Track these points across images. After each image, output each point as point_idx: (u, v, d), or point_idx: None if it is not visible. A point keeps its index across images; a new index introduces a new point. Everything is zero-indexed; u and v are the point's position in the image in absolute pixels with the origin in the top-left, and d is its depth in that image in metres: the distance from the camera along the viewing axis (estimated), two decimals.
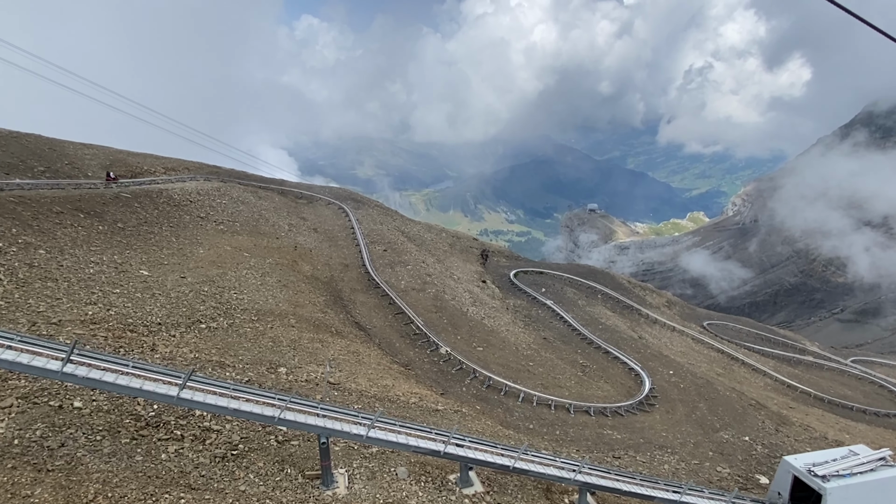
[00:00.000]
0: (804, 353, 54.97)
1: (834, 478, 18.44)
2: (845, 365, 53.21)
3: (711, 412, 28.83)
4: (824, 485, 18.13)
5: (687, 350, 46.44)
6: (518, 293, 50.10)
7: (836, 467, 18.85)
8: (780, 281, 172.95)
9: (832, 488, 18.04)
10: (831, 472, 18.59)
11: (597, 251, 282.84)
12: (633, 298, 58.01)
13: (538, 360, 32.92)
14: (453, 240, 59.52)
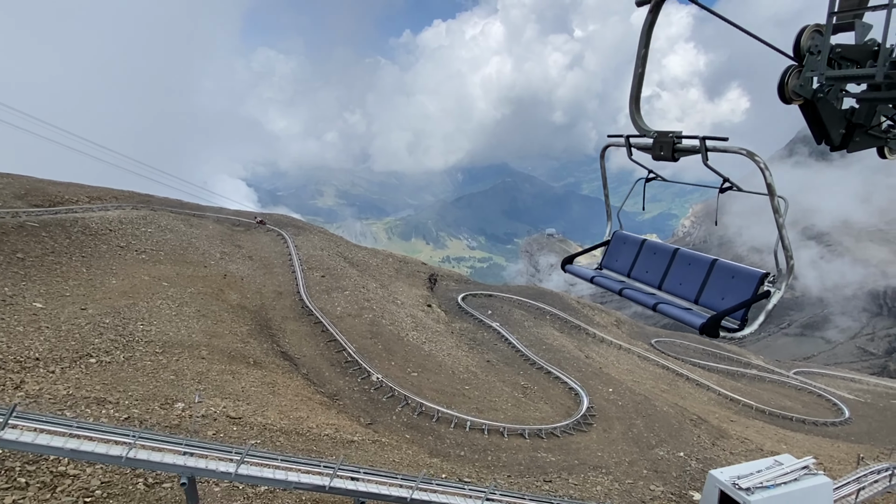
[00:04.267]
0: (748, 367, 55.91)
1: (758, 489, 17.99)
2: (787, 377, 54.31)
3: (648, 429, 28.36)
4: (748, 497, 17.63)
5: (633, 368, 46.36)
6: (465, 316, 49.29)
7: (760, 479, 18.42)
8: None
9: (756, 500, 17.55)
10: (755, 483, 18.14)
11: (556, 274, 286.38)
12: (581, 318, 58.00)
13: (475, 383, 31.93)
14: (400, 264, 58.51)
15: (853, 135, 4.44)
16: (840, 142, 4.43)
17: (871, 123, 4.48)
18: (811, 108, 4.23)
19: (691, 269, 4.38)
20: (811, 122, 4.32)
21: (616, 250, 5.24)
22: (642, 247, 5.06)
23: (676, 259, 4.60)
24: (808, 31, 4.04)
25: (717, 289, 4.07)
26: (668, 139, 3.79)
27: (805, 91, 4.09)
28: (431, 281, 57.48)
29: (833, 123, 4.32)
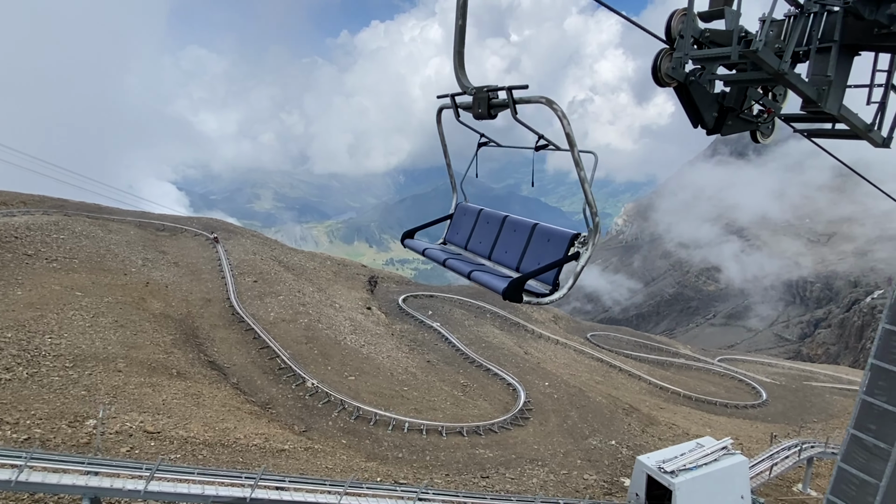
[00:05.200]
0: (677, 357, 58.81)
1: (682, 472, 18.88)
2: (712, 364, 57.52)
3: (582, 420, 29.17)
4: (673, 480, 18.48)
5: (569, 361, 47.63)
6: (405, 318, 48.97)
7: (683, 462, 19.35)
8: (661, 292, 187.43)
9: (680, 482, 18.42)
10: (679, 466, 19.03)
11: None
12: (521, 315, 59.01)
13: (414, 384, 31.74)
14: (339, 268, 57.45)
15: (726, 118, 4.62)
16: (714, 125, 4.60)
17: (742, 107, 4.70)
18: (684, 92, 4.36)
19: (516, 236, 4.36)
20: (686, 106, 4.45)
21: (458, 222, 5.20)
22: (479, 217, 4.94)
23: (505, 227, 4.57)
24: (678, 15, 4.14)
25: (536, 253, 4.05)
26: (484, 94, 3.58)
27: (677, 74, 4.19)
28: (371, 283, 56.76)
29: (706, 106, 4.47)
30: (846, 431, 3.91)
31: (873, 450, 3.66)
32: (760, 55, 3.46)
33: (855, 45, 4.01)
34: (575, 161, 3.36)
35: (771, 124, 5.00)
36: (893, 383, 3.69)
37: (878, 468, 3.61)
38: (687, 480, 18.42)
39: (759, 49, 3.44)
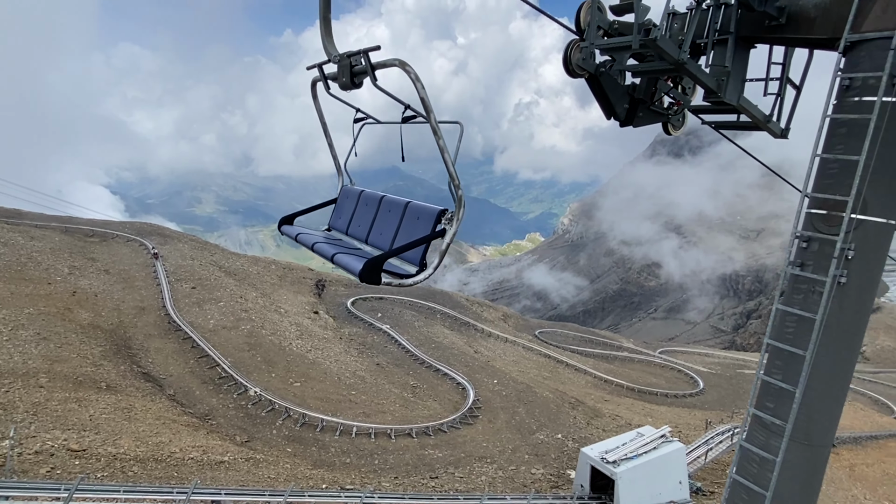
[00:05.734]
0: (620, 350, 60.84)
1: (623, 461, 19.47)
2: (653, 356, 59.87)
3: (530, 415, 29.62)
4: (615, 469, 19.03)
5: (518, 359, 48.33)
6: (354, 321, 48.27)
7: (624, 451, 19.97)
8: (605, 289, 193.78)
9: (622, 472, 18.99)
10: (620, 456, 19.63)
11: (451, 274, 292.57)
12: (471, 315, 59.41)
13: (363, 387, 31.29)
14: (284, 272, 55.96)
15: (637, 110, 4.73)
16: (626, 117, 4.70)
17: (653, 99, 4.83)
18: (596, 83, 4.43)
19: (391, 217, 4.27)
20: (598, 97, 4.52)
21: (341, 206, 5.07)
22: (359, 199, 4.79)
23: (381, 208, 4.46)
24: (587, 7, 4.20)
25: (408, 233, 3.94)
26: (346, 61, 3.33)
27: (588, 65, 4.24)
28: (319, 287, 55.66)
29: (617, 98, 4.56)
30: (747, 411, 4.04)
31: (771, 427, 3.79)
32: (659, 44, 3.54)
33: (750, 38, 4.18)
34: (433, 129, 3.26)
35: (681, 116, 5.17)
36: (787, 361, 3.84)
37: (775, 445, 3.75)
38: (628, 469, 19.00)
39: (658, 38, 3.52)
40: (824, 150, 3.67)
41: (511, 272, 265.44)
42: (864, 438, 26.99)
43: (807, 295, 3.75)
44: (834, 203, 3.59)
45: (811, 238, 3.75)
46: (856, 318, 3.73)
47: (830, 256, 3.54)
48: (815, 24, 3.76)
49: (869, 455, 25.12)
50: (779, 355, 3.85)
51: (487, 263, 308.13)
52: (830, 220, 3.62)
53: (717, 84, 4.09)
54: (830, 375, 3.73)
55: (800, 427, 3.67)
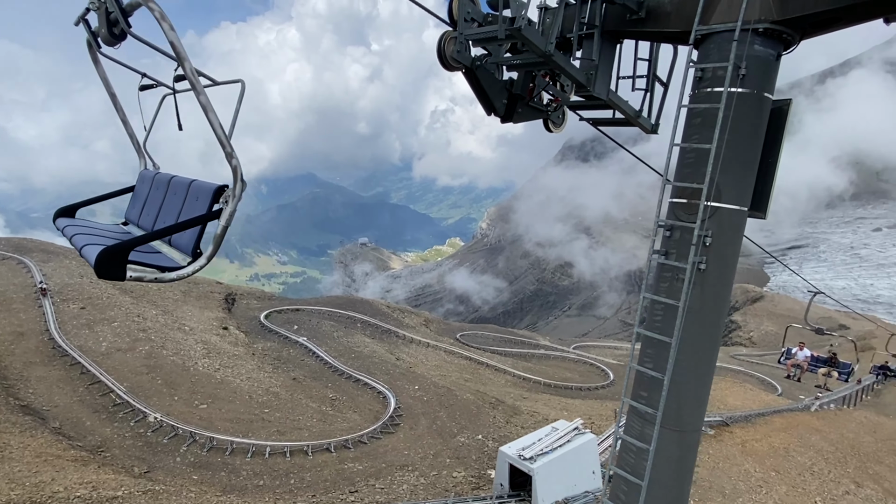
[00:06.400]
0: (537, 348, 62.86)
1: (539, 457, 19.90)
2: (568, 352, 62.41)
3: (451, 419, 29.67)
4: (532, 465, 19.39)
5: (440, 363, 48.46)
6: (268, 335, 46.15)
7: (540, 446, 20.43)
8: (523, 290, 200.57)
9: (538, 467, 19.38)
10: (536, 452, 20.06)
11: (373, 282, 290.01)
12: (392, 322, 58.85)
13: (277, 404, 29.88)
14: (189, 286, 52.39)
15: (516, 106, 4.72)
16: (505, 113, 4.67)
17: (531, 96, 4.85)
18: (472, 77, 4.36)
19: (176, 200, 3.84)
20: (476, 91, 4.44)
21: (138, 194, 4.64)
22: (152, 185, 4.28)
23: (169, 191, 3.97)
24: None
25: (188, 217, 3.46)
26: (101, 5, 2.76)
27: (463, 58, 4.15)
28: (229, 301, 52.75)
29: (495, 93, 4.52)
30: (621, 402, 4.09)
31: (646, 416, 3.87)
32: (524, 33, 3.50)
33: (615, 32, 4.28)
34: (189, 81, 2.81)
35: (561, 114, 5.24)
36: (657, 350, 3.93)
37: (649, 433, 3.81)
38: (544, 464, 19.43)
39: (522, 27, 3.47)
40: (683, 140, 3.82)
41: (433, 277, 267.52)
42: (753, 416, 29.53)
43: (671, 283, 3.88)
44: (692, 191, 3.74)
45: (673, 226, 3.88)
46: (716, 303, 3.91)
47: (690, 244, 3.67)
48: (671, 18, 3.91)
49: (758, 431, 27.42)
50: (649, 344, 3.95)
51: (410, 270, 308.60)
52: (689, 209, 3.76)
53: (586, 78, 4.15)
54: (696, 361, 3.88)
55: (670, 414, 3.78)
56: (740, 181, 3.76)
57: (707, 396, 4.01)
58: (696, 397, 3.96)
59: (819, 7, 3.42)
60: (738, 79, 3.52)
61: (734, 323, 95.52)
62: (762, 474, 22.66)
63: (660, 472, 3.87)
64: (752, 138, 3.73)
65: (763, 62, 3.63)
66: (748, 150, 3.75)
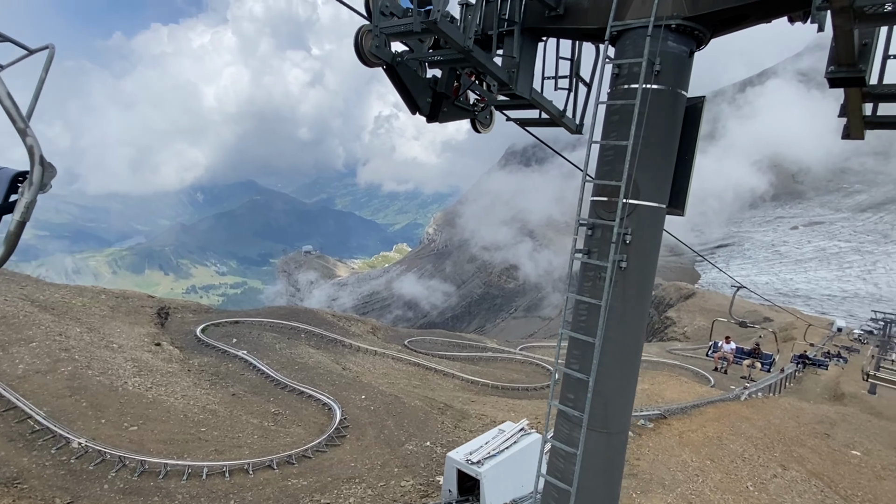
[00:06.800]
0: (485, 351, 63.37)
1: (486, 460, 19.93)
2: (514, 353, 63.31)
3: (398, 427, 29.29)
4: (479, 469, 19.38)
5: (388, 371, 47.91)
6: (205, 349, 44.10)
7: (487, 450, 20.49)
8: (471, 293, 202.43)
9: (486, 471, 19.40)
10: (484, 455, 20.08)
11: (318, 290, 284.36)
12: (337, 331, 57.72)
13: (214, 422, 28.50)
14: (118, 301, 49.41)
15: (441, 105, 4.60)
16: (430, 112, 4.54)
17: (457, 95, 4.75)
18: (394, 74, 4.20)
19: None
20: (398, 89, 4.28)
21: None
22: None
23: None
24: None
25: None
26: None
27: (383, 54, 3.97)
28: (162, 316, 50.05)
29: (419, 91, 4.37)
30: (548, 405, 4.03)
31: (574, 420, 3.81)
32: (440, 26, 3.38)
33: (537, 29, 4.25)
34: None
35: (488, 114, 5.18)
36: (582, 350, 3.89)
37: (578, 437, 3.75)
38: (492, 467, 19.48)
39: (437, 20, 3.35)
40: (602, 138, 3.82)
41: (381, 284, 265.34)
42: (689, 408, 30.85)
43: (594, 282, 3.86)
44: (611, 189, 3.74)
45: (594, 225, 3.87)
46: (638, 302, 3.93)
47: (611, 242, 3.67)
48: (588, 15, 3.92)
49: (693, 422, 28.64)
50: (575, 345, 3.92)
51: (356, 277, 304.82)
52: (610, 207, 3.76)
53: (508, 76, 4.08)
54: (620, 360, 3.88)
55: (596, 415, 3.75)
56: (658, 178, 3.80)
57: (633, 396, 4.02)
58: (622, 397, 3.95)
59: (728, 3, 3.53)
60: (653, 75, 3.56)
61: (669, 319, 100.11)
62: (699, 463, 23.67)
63: (588, 478, 3.82)
64: (669, 135, 3.79)
65: (677, 59, 3.69)
66: (665, 147, 3.80)
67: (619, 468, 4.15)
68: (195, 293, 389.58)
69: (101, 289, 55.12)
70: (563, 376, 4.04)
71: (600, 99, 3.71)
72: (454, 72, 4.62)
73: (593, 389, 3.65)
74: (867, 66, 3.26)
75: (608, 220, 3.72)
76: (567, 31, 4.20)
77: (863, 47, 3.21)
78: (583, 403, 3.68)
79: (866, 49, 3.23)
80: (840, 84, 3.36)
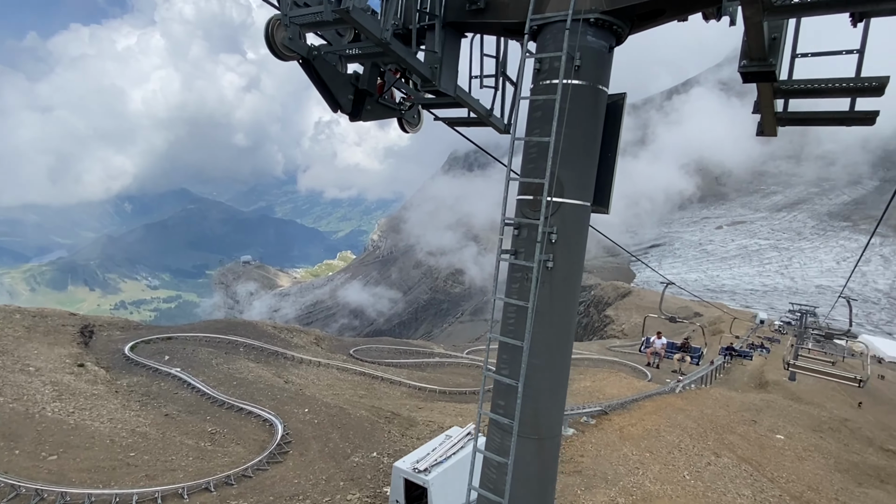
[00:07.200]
0: (432, 356, 63.19)
1: (434, 467, 19.67)
2: (461, 357, 63.55)
3: (344, 439, 28.56)
4: (426, 477, 19.08)
5: (333, 382, 46.77)
6: (135, 369, 41.42)
7: (434, 457, 20.26)
8: (417, 299, 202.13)
9: (433, 478, 19.13)
10: (431, 462, 19.84)
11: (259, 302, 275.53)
12: (279, 343, 55.84)
13: (145, 446, 26.74)
14: (34, 321, 45.72)
15: (364, 103, 4.40)
16: (352, 110, 4.32)
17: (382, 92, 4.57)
18: (311, 69, 3.96)
19: None
20: (317, 85, 4.04)
21: None
22: None
23: None
24: None
25: None
26: None
27: (297, 47, 3.72)
28: (86, 334, 46.62)
29: (339, 88, 4.14)
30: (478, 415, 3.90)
31: (505, 428, 3.69)
32: (353, 16, 3.19)
33: (459, 24, 4.13)
34: None
35: (416, 113, 5.02)
36: (512, 355, 3.79)
37: (508, 445, 3.63)
38: (439, 474, 19.22)
39: (350, 8, 3.15)
40: (526, 134, 3.75)
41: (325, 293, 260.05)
42: (629, 402, 31.90)
43: (522, 283, 3.78)
44: (536, 187, 3.67)
45: (521, 224, 3.80)
46: (566, 302, 3.88)
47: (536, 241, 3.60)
48: (509, 9, 3.85)
49: (632, 416, 29.60)
50: (504, 349, 3.83)
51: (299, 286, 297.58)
52: (535, 205, 3.69)
53: (431, 72, 3.94)
54: (550, 363, 3.81)
55: (527, 421, 3.66)
56: (582, 176, 3.77)
57: (564, 399, 3.95)
58: (553, 401, 3.87)
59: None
60: (574, 70, 3.52)
61: (608, 317, 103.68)
62: (638, 456, 24.44)
63: (520, 487, 3.72)
64: (591, 132, 3.77)
65: (597, 54, 3.68)
66: (588, 144, 3.77)
67: (553, 474, 4.06)
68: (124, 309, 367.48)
69: (16, 308, 50.76)
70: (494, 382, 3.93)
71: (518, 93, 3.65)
72: (377, 68, 4.43)
73: (523, 394, 3.55)
74: (777, 60, 3.37)
75: (533, 219, 3.65)
76: (489, 25, 4.11)
77: (772, 41, 3.32)
78: (512, 410, 3.57)
79: (776, 43, 3.34)
80: (752, 79, 3.46)
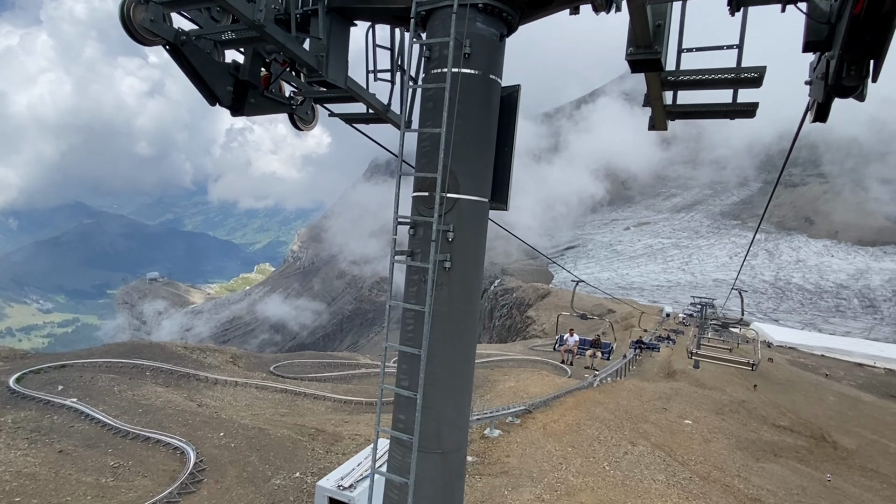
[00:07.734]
0: (357, 368, 61.87)
1: (359, 483, 19.09)
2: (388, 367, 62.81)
3: (263, 461, 27.08)
4: (352, 494, 18.38)
5: (251, 402, 44.42)
6: (22, 402, 36.98)
7: (360, 472, 19.65)
8: (342, 310, 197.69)
9: (358, 494, 18.49)
10: (356, 478, 19.20)
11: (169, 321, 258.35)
12: (191, 364, 52.26)
13: (33, 489, 23.90)
14: None
15: (247, 96, 4.01)
16: (233, 104, 3.92)
17: (268, 85, 4.20)
18: (180, 56, 3.53)
19: None
20: (189, 75, 3.61)
21: None
22: None
23: None
24: None
25: None
26: None
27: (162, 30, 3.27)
28: None
29: (216, 79, 3.72)
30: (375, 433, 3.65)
31: (405, 444, 3.45)
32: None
33: (344, 9, 3.87)
34: None
35: (309, 109, 4.69)
36: (411, 365, 3.58)
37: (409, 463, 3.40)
38: (364, 490, 18.64)
39: None
40: (419, 126, 3.57)
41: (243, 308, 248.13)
42: (551, 399, 32.80)
43: (419, 286, 3.58)
44: (430, 182, 3.49)
45: (416, 223, 3.60)
46: (466, 304, 3.72)
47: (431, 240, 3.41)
48: None
49: (555, 413, 30.46)
50: (403, 359, 3.61)
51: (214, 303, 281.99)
52: (430, 202, 3.51)
53: (316, 61, 3.65)
54: (451, 371, 3.63)
55: (429, 436, 3.45)
56: (478, 170, 3.63)
57: (468, 411, 3.77)
58: (456, 411, 3.68)
59: None
60: (463, 58, 3.38)
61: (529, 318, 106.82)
62: (562, 451, 25.12)
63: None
64: (485, 124, 3.63)
65: (488, 42, 3.55)
66: (482, 137, 3.63)
67: (459, 489, 3.86)
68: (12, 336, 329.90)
69: None
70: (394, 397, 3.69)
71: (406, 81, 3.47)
72: (260, 57, 4.04)
73: (423, 406, 3.33)
74: (662, 48, 3.42)
75: (428, 217, 3.46)
76: (376, 11, 3.87)
77: (657, 28, 3.37)
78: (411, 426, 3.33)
79: (660, 30, 3.39)
80: (640, 67, 3.50)
